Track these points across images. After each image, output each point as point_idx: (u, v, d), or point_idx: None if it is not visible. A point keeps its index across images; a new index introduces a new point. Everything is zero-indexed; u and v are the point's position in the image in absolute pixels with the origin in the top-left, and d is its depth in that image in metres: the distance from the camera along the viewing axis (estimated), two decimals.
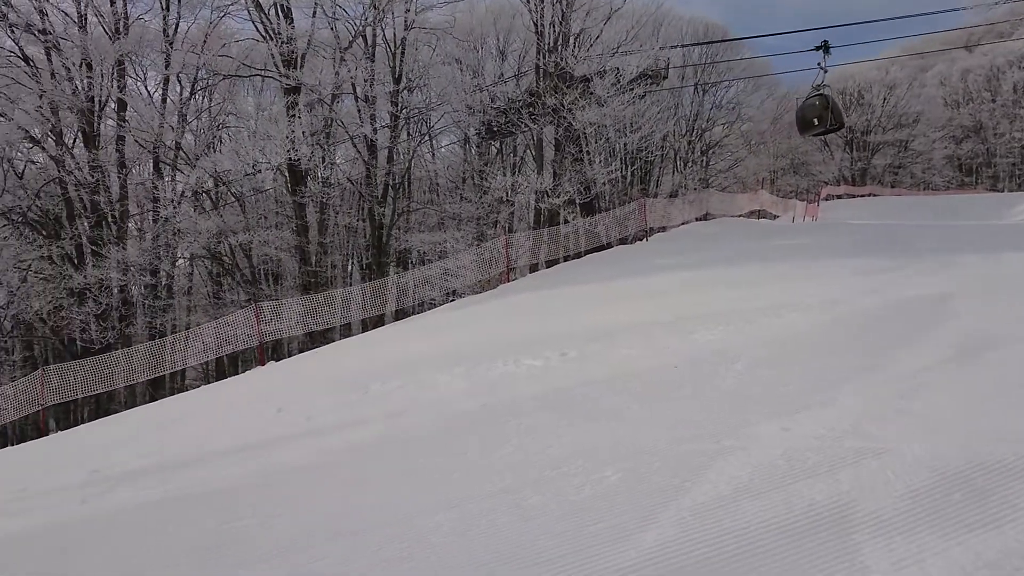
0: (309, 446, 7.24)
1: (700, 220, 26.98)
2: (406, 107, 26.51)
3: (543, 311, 14.12)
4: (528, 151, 32.35)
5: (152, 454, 8.16)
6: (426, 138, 31.54)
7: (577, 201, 25.29)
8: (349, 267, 36.65)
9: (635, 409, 6.54)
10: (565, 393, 7.41)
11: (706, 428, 5.73)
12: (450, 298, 23.40)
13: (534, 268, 25.20)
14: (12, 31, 22.77)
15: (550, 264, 23.66)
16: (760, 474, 4.64)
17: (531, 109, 24.82)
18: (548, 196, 24.48)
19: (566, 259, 23.22)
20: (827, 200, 41.46)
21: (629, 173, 31.13)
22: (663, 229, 24.77)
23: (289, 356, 23.67)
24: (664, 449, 5.38)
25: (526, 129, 26.03)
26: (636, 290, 13.96)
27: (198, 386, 28.61)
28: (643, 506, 4.39)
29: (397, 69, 25.62)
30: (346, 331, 26.42)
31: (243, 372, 27.00)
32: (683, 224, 25.72)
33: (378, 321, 24.61)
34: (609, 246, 23.17)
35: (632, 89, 24.45)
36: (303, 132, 23.45)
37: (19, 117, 23.61)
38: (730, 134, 40.54)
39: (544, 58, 24.65)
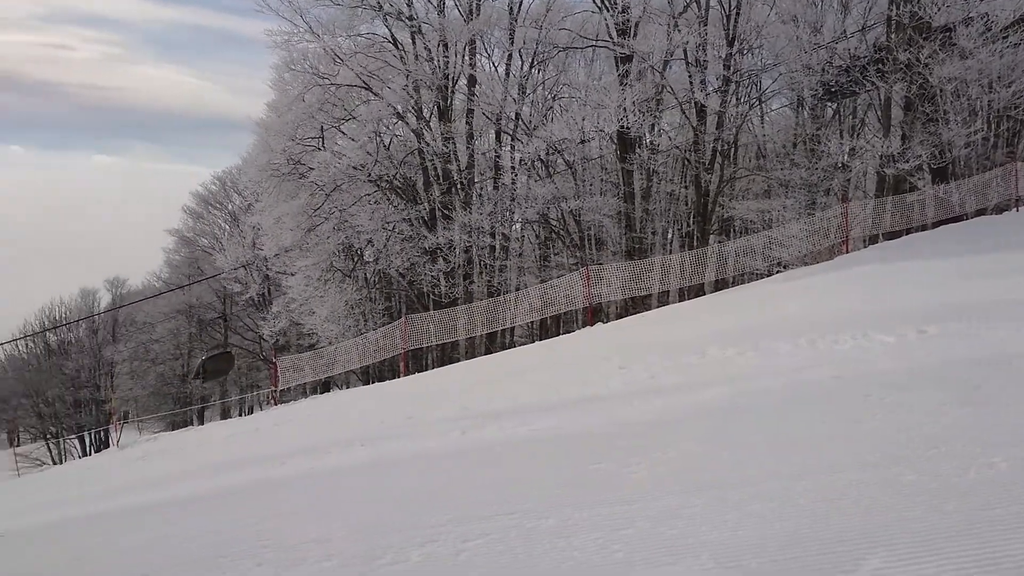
0: (654, 402, 7.53)
1: None
2: (738, 70, 25.77)
3: (890, 285, 13.10)
4: (870, 112, 29.76)
5: (509, 398, 9.04)
6: (756, 102, 30.38)
7: (928, 166, 22.84)
8: (669, 235, 36.72)
9: None
10: (932, 372, 6.87)
11: None
12: (775, 269, 22.57)
13: (872, 240, 23.31)
14: (386, 19, 25.98)
15: (891, 236, 21.73)
16: None
17: (879, 65, 22.77)
18: (894, 161, 22.40)
19: (908, 231, 21.17)
20: None
21: (993, 135, 27.30)
22: None
23: (608, 320, 24.44)
24: None
25: (871, 88, 23.98)
26: (1010, 265, 12.37)
27: (524, 343, 30.76)
28: None
29: (731, 31, 24.95)
30: (663, 298, 26.60)
31: (564, 333, 28.55)
32: None
33: (698, 290, 24.45)
34: (965, 217, 20.67)
35: (1005, 37, 21.36)
36: (634, 100, 23.88)
37: (388, 95, 26.88)
38: None
39: (897, 8, 22.43)
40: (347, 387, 34.74)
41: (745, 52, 26.75)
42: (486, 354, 24.79)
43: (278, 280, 36.78)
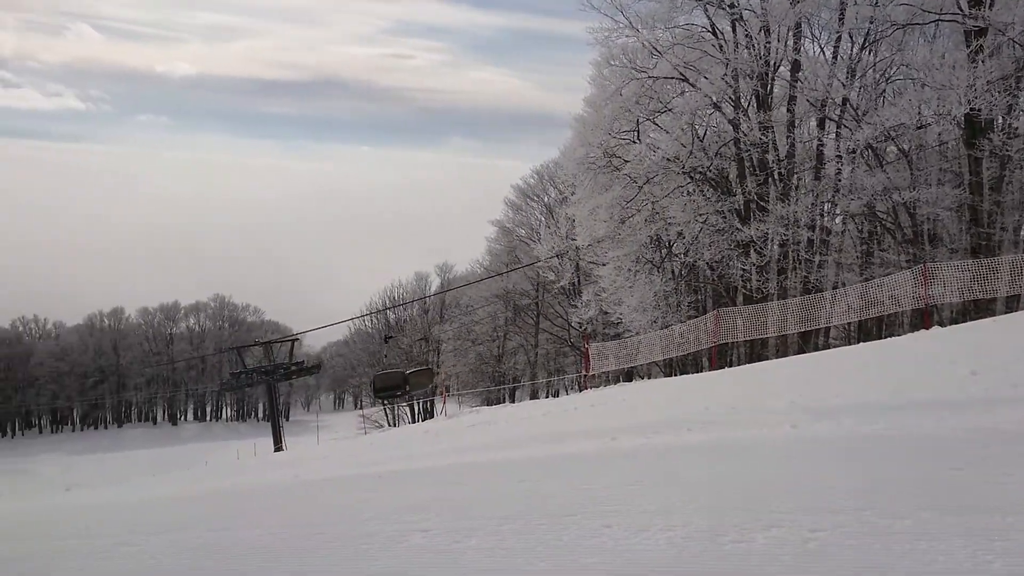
0: (1020, 414, 6.74)
1: None
2: None
3: None
4: None
5: (841, 395, 8.59)
6: None
7: None
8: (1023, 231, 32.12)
9: None
10: None
11: None
12: None
13: None
14: (706, 9, 25.73)
15: None
16: None
17: None
18: None
19: None
20: None
21: None
22: None
23: (944, 324, 22.07)
24: None
25: None
26: None
27: (838, 345, 28.75)
28: None
29: None
30: (1011, 303, 23.40)
31: (887, 336, 26.22)
32: None
33: None
34: None
35: None
36: (987, 78, 21.23)
37: (704, 86, 26.61)
38: None
39: None
40: (648, 378, 35.13)
41: None
42: (798, 353, 23.66)
43: (589, 270, 38.18)
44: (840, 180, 25.67)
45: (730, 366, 26.14)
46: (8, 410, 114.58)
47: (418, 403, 56.71)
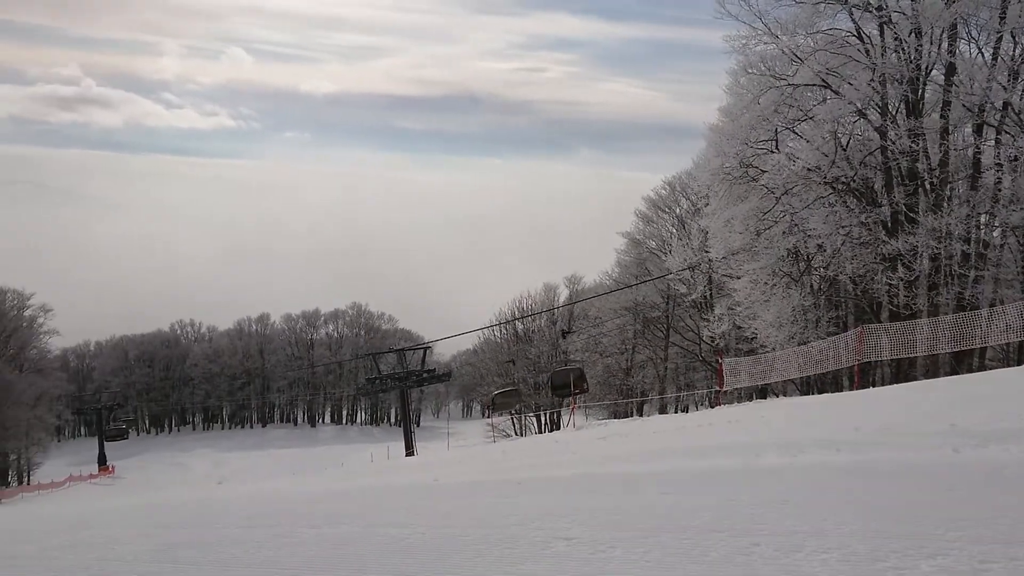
0: None
1: None
2: None
3: None
4: None
5: (1011, 419, 8.01)
6: None
7: None
8: None
9: None
10: None
11: None
12: None
13: None
14: (851, 12, 24.68)
15: None
16: None
17: None
18: None
19: None
20: None
21: None
22: None
23: None
24: None
25: None
26: None
27: (995, 367, 26.70)
28: None
29: None
30: None
31: None
32: None
33: None
34: None
35: None
36: None
37: (848, 92, 25.47)
38: None
39: None
40: (783, 396, 33.85)
41: None
42: (950, 374, 22.24)
43: (722, 283, 37.24)
44: (1000, 190, 23.96)
45: (873, 386, 24.84)
46: (166, 408, 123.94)
47: (545, 414, 56.94)
